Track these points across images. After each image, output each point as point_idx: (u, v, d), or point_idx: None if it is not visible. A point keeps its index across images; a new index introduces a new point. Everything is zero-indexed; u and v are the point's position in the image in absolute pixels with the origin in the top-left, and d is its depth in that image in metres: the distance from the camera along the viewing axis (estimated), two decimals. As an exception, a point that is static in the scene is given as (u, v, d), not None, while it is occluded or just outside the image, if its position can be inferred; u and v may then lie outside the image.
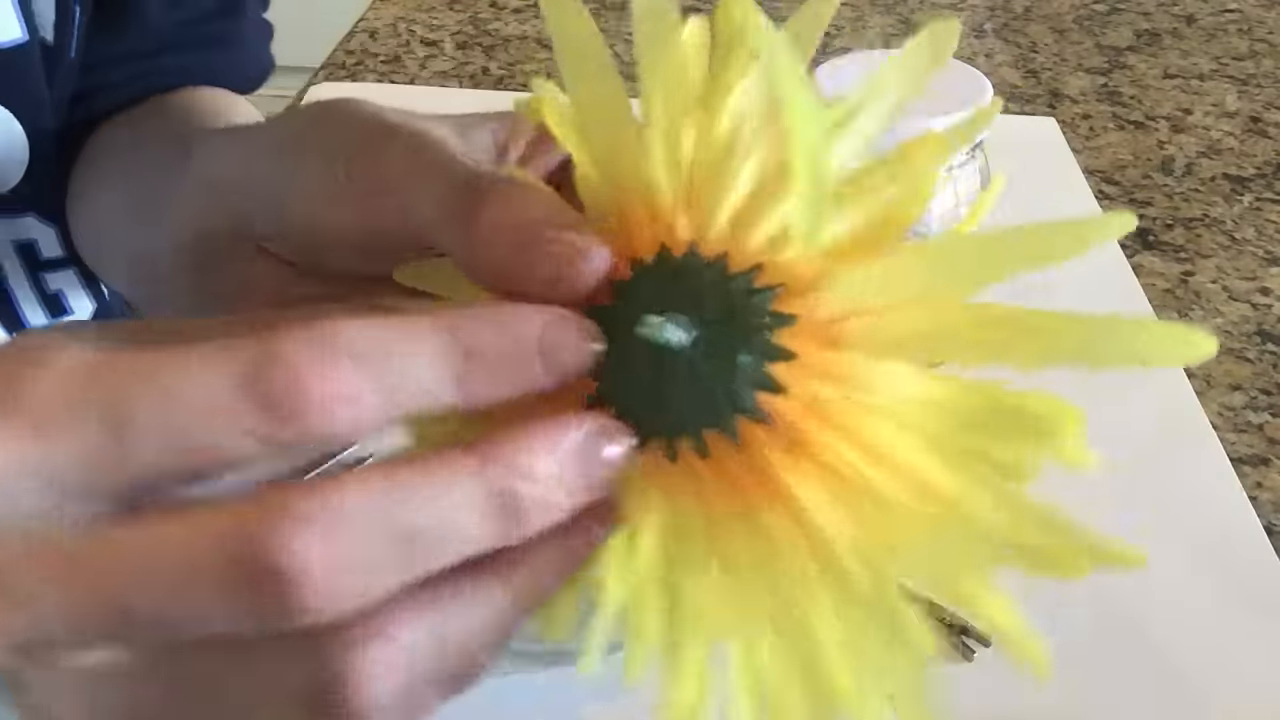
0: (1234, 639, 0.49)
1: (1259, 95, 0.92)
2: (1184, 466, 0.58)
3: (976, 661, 0.48)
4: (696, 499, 0.24)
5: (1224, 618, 0.50)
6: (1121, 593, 0.51)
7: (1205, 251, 0.74)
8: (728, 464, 0.24)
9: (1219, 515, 0.55)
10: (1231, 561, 0.53)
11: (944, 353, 0.23)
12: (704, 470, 0.24)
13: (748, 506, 0.24)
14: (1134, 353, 0.22)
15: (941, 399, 0.23)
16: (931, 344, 0.23)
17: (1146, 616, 0.50)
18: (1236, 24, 1.05)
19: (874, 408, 0.23)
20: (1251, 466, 0.58)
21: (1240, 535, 0.54)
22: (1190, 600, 0.51)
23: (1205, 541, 0.53)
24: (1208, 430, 0.61)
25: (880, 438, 0.23)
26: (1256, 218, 0.76)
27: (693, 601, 0.24)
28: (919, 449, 0.23)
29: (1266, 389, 0.63)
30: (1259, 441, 0.59)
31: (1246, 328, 0.68)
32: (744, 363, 0.23)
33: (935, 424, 0.23)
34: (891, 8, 1.09)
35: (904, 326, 0.23)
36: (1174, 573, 0.52)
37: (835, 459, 0.23)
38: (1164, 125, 0.87)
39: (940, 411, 0.23)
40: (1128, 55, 0.98)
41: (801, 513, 0.23)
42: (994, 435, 0.23)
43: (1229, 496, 0.56)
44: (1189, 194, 0.80)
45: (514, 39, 1.02)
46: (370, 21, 1.03)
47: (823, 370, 0.23)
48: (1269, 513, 0.55)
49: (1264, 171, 0.82)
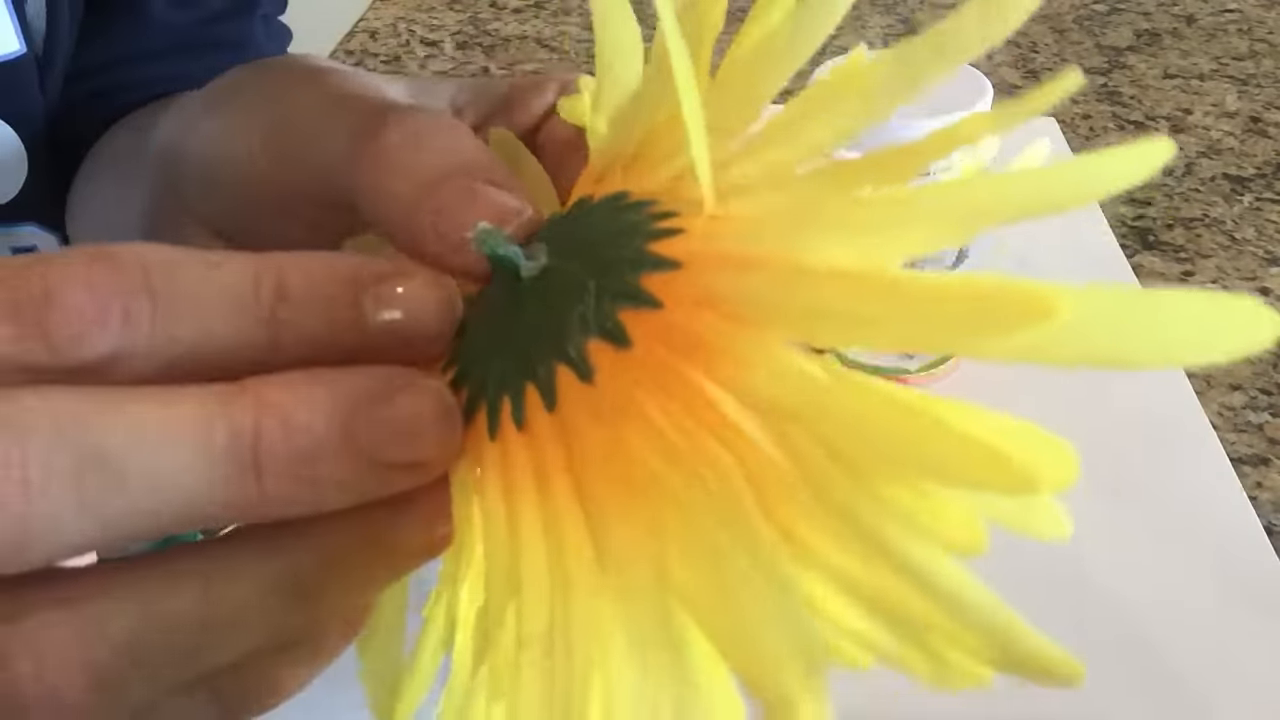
0: (1234, 639, 0.49)
1: (1259, 95, 0.92)
2: (1184, 466, 0.58)
3: (976, 661, 0.48)
4: (506, 504, 0.19)
5: (1224, 618, 0.50)
6: (1121, 593, 0.51)
7: (1205, 251, 0.74)
8: (542, 441, 0.19)
9: (1219, 515, 0.55)
10: (1231, 561, 0.53)
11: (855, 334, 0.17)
12: (518, 452, 0.19)
13: (550, 518, 0.19)
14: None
15: (843, 400, 0.16)
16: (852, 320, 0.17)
17: (1146, 616, 0.50)
18: (1236, 24, 1.05)
19: (739, 393, 0.17)
20: (1251, 466, 0.58)
21: (1240, 535, 0.54)
22: (1190, 600, 0.51)
23: (1205, 541, 0.53)
24: (1208, 430, 0.61)
25: (731, 435, 0.17)
26: (1256, 218, 0.77)
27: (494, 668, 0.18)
28: (786, 462, 0.17)
29: (1266, 389, 0.63)
30: (1259, 441, 0.59)
31: (1246, 328, 0.68)
32: (588, 299, 0.19)
33: (823, 436, 0.17)
34: (891, 8, 1.09)
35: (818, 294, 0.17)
36: (1174, 573, 0.52)
37: (660, 448, 0.18)
38: (1164, 125, 0.87)
39: (838, 420, 0.16)
40: (1128, 55, 0.98)
41: (602, 526, 0.18)
42: (919, 468, 0.16)
43: (1229, 496, 0.56)
44: (1189, 194, 0.80)
45: (514, 39, 1.02)
46: (370, 21, 1.03)
47: (690, 331, 0.18)
48: (1269, 513, 0.55)
49: (1264, 171, 0.82)
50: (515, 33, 0.97)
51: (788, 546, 0.17)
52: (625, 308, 0.19)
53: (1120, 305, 0.16)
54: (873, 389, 0.16)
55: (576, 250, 0.20)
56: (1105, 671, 0.48)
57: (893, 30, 1.07)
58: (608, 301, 0.19)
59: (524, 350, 0.19)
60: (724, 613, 0.16)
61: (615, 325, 0.19)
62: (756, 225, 0.19)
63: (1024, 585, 0.54)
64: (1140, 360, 0.16)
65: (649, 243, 0.19)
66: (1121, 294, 0.16)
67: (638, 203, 0.20)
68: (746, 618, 0.16)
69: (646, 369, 0.18)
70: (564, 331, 0.19)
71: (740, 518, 0.17)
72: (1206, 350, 0.16)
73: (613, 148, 0.23)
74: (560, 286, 0.20)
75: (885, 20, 1.03)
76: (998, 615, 0.17)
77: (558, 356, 0.19)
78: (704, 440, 0.17)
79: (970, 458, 0.16)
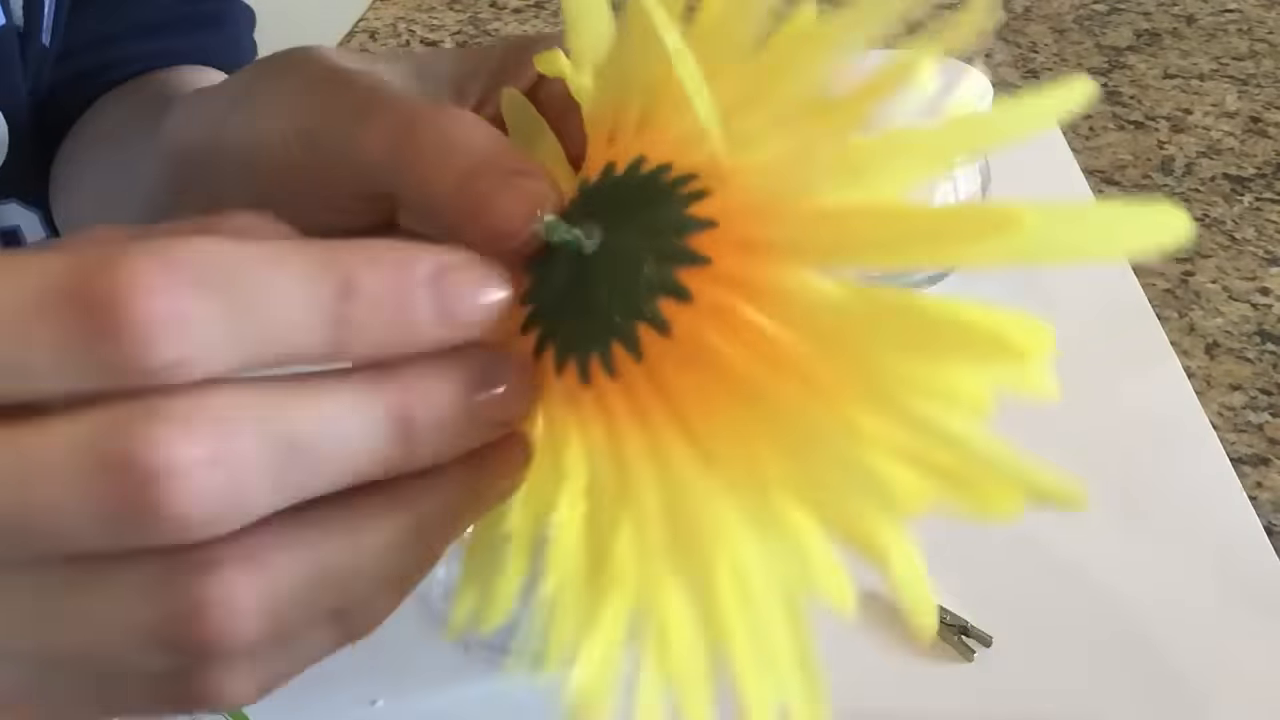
0: (1234, 639, 0.49)
1: (1259, 95, 0.92)
2: (1184, 466, 0.58)
3: (976, 661, 0.48)
4: (607, 434, 0.23)
5: (1224, 618, 0.50)
6: (1121, 592, 0.51)
7: (1205, 251, 0.74)
8: (635, 384, 0.23)
9: (1219, 515, 0.55)
10: (1231, 561, 0.53)
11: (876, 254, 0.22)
12: (613, 395, 0.23)
13: (653, 441, 0.23)
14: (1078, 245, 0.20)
15: (868, 312, 0.21)
16: (864, 245, 0.22)
17: (1146, 616, 0.50)
18: (1236, 24, 1.05)
19: (788, 320, 0.22)
20: (1251, 466, 0.58)
21: (1240, 535, 0.54)
22: (1190, 600, 0.51)
23: (1205, 541, 0.53)
24: (1208, 430, 0.61)
25: (790, 354, 0.22)
26: (1256, 218, 0.77)
27: (611, 558, 0.22)
28: (835, 368, 0.21)
29: (1266, 389, 0.63)
30: (1259, 441, 0.59)
31: (1246, 328, 0.68)
32: (648, 266, 0.23)
33: (858, 343, 0.21)
34: (891, 8, 1.09)
35: (833, 229, 0.22)
36: (1174, 573, 0.52)
37: (737, 375, 0.22)
38: (1164, 125, 0.87)
39: (868, 328, 0.21)
40: (1128, 55, 0.98)
41: (701, 443, 0.22)
42: (933, 354, 0.21)
43: (1229, 496, 0.56)
44: (1189, 194, 0.80)
45: (514, 39, 1.02)
46: (370, 21, 1.03)
47: (737, 277, 0.22)
48: (1269, 513, 0.55)
49: (1264, 171, 0.82)
50: (515, 32, 0.97)
51: (851, 430, 0.21)
52: (681, 267, 0.23)
53: (1068, 213, 0.20)
54: (890, 298, 0.21)
55: (623, 220, 0.24)
56: (1105, 671, 0.48)
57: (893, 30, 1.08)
58: (666, 264, 0.23)
59: (602, 313, 0.23)
60: (816, 489, 0.21)
61: (676, 284, 0.23)
62: (770, 177, 0.23)
63: (1024, 585, 0.54)
64: (1087, 254, 0.20)
65: (685, 207, 0.23)
66: (1068, 206, 0.20)
67: (661, 168, 0.24)
68: (835, 490, 0.21)
69: (710, 315, 0.22)
70: (635, 294, 0.23)
71: (811, 415, 0.21)
72: (1137, 242, 0.20)
73: (609, 103, 0.25)
74: (621, 256, 0.23)
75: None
76: (1017, 461, 0.20)
77: (637, 316, 0.23)
78: (768, 362, 0.22)
79: (975, 339, 0.20)
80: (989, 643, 0.48)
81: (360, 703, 0.46)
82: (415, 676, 0.47)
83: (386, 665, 0.47)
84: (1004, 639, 0.48)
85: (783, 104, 0.23)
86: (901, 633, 0.48)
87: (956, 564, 0.52)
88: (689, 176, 0.23)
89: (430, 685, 0.47)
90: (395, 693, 0.46)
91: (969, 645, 0.48)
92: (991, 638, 0.48)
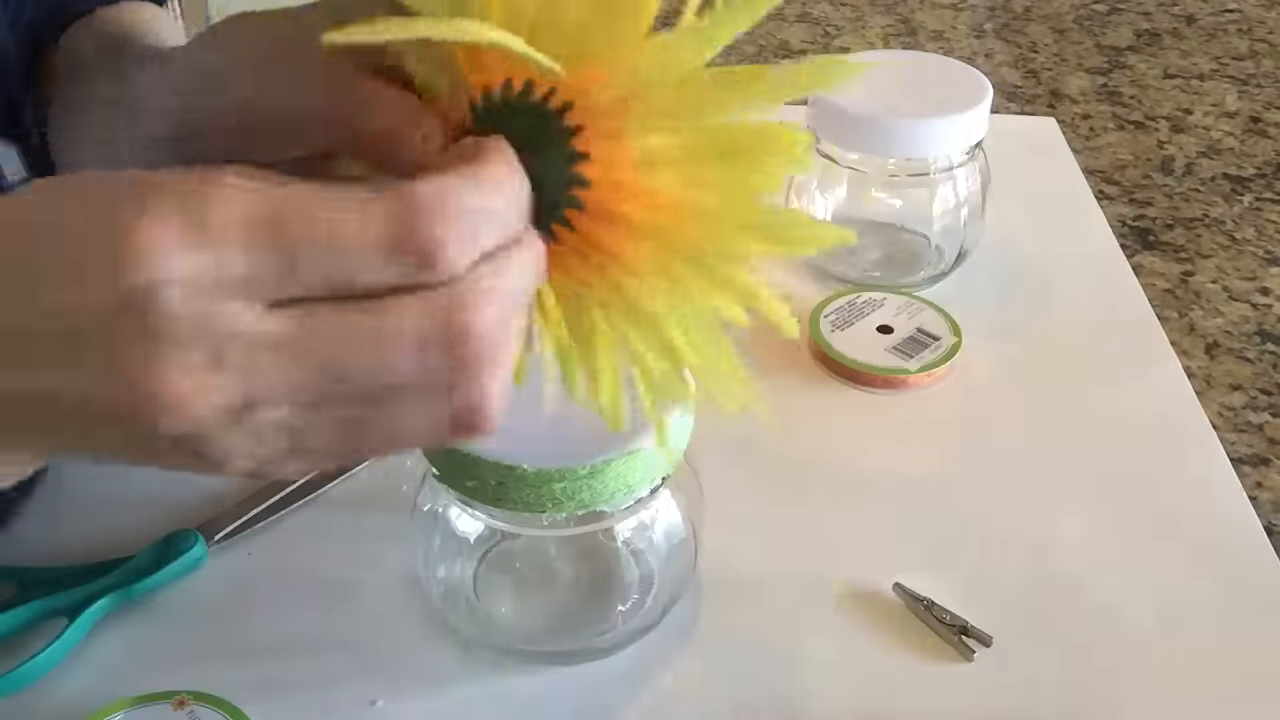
0: (1234, 639, 0.49)
1: (1259, 95, 0.92)
2: (1184, 466, 0.58)
3: (976, 661, 0.48)
4: (566, 276, 0.34)
5: (1224, 618, 0.50)
6: (1121, 592, 0.51)
7: (1205, 251, 0.74)
8: (577, 245, 0.33)
9: (1219, 515, 0.55)
10: (1231, 561, 0.53)
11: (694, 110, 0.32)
12: (564, 255, 0.33)
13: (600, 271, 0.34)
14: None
15: (697, 144, 0.32)
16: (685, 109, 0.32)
17: (1147, 617, 0.50)
18: (1236, 24, 1.05)
19: (653, 168, 0.32)
20: (1251, 466, 0.58)
21: (1240, 535, 0.54)
22: (1190, 600, 0.51)
23: (1205, 541, 0.54)
24: (1208, 430, 0.61)
25: (663, 189, 0.32)
26: (1256, 218, 0.77)
27: (595, 329, 0.34)
28: (698, 197, 0.32)
29: (1266, 389, 0.63)
30: (1259, 441, 0.59)
31: (1246, 328, 0.68)
32: (556, 172, 0.32)
33: (701, 164, 0.32)
34: (891, 8, 1.09)
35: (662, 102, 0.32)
36: (1174, 573, 0.52)
37: (638, 221, 0.32)
38: (1164, 125, 0.87)
39: (702, 153, 0.32)
40: (1128, 55, 0.98)
41: (629, 264, 0.33)
42: (740, 157, 0.32)
43: (1229, 496, 0.56)
44: (1189, 194, 0.80)
45: (514, 39, 1.02)
46: None
47: (611, 159, 0.32)
48: (1269, 513, 0.55)
49: (1264, 171, 0.82)
50: None
51: (715, 230, 0.32)
52: (576, 165, 0.32)
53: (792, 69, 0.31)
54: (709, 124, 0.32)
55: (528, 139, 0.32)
56: (1105, 670, 0.48)
57: (893, 30, 1.07)
58: (566, 166, 0.32)
59: (541, 209, 0.32)
60: (709, 268, 0.33)
61: (578, 177, 0.32)
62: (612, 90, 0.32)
63: (1024, 585, 0.54)
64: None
65: (561, 119, 0.32)
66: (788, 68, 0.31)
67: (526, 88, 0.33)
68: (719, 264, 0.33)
69: (607, 188, 0.32)
70: (558, 193, 0.32)
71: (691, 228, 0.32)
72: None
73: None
74: (542, 172, 0.32)
75: (885, 20, 1.04)
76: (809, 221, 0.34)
77: (564, 206, 0.33)
78: (655, 205, 0.32)
79: (768, 132, 0.31)
80: (989, 643, 0.48)
81: (360, 703, 0.46)
82: (415, 676, 0.47)
83: (386, 665, 0.47)
84: (1004, 639, 0.48)
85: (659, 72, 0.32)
86: (901, 633, 0.49)
87: (956, 564, 0.53)
88: (553, 91, 0.32)
89: (430, 685, 0.47)
90: (395, 693, 0.46)
91: (969, 645, 0.48)
92: (991, 638, 0.48)
